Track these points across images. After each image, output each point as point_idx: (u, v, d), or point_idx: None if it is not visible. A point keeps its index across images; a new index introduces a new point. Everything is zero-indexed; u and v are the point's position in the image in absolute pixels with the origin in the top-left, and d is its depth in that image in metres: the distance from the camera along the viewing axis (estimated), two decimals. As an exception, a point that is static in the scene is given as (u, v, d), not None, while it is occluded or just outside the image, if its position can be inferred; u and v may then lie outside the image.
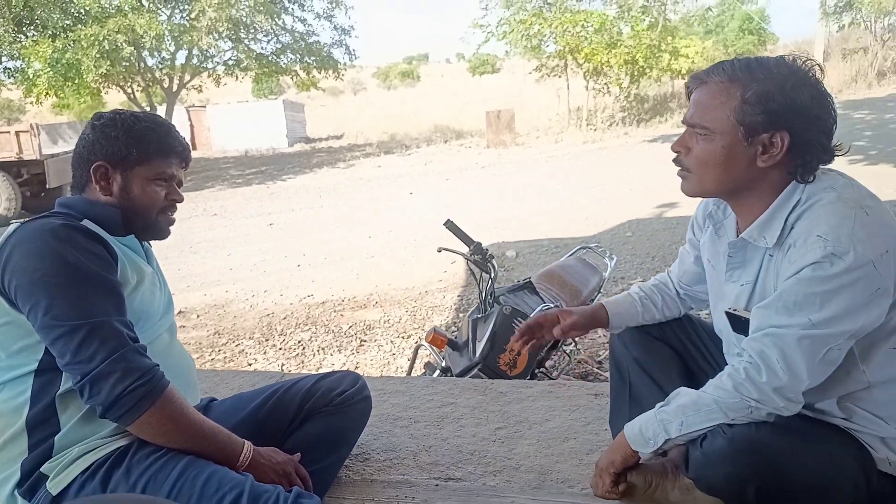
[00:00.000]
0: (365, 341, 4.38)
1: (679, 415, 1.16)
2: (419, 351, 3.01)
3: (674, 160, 1.23)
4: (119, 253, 1.24)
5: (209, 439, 1.22)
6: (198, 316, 5.09)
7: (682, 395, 1.20)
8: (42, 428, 1.16)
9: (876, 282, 1.04)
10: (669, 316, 1.56)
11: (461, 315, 4.56)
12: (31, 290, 1.12)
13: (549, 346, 3.07)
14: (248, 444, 1.27)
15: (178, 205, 1.37)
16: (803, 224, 1.11)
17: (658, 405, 1.22)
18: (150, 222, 1.33)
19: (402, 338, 4.37)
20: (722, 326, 1.37)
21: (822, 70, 1.15)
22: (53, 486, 1.14)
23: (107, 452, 1.17)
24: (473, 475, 1.55)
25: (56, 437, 1.16)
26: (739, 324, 1.26)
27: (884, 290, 1.05)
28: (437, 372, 2.64)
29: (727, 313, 1.29)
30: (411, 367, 2.97)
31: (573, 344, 3.67)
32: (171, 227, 1.39)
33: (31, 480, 1.15)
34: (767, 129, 1.11)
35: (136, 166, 1.29)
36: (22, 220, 1.23)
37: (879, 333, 1.12)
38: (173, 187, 1.35)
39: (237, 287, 5.79)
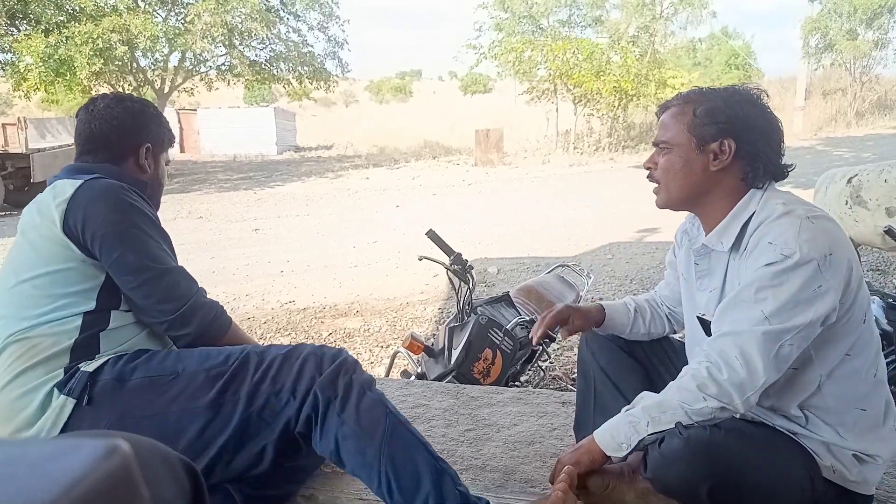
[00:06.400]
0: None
1: (645, 415, 1.23)
2: (396, 359, 3.06)
3: (647, 177, 1.38)
4: None
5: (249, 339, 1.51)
6: (177, 316, 5.08)
7: (647, 397, 1.26)
8: (83, 352, 1.29)
9: (818, 279, 1.15)
10: (655, 333, 1.62)
11: (441, 327, 4.62)
12: (119, 238, 1.28)
13: (524, 360, 3.15)
14: None
15: (162, 206, 1.58)
16: (757, 235, 1.23)
17: (623, 409, 1.28)
18: (160, 197, 1.54)
19: (382, 347, 4.42)
20: (692, 333, 1.46)
21: (767, 95, 1.33)
22: (87, 367, 1.27)
23: (133, 351, 1.33)
24: (441, 472, 1.61)
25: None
26: (709, 328, 1.36)
27: (826, 289, 1.15)
28: (413, 378, 2.69)
29: (698, 318, 1.40)
30: (388, 373, 3.02)
31: (548, 360, 3.75)
32: None
33: (67, 375, 1.27)
34: (715, 137, 1.27)
35: (163, 151, 1.51)
36: (85, 180, 1.33)
37: (831, 336, 1.21)
38: None
39: (219, 290, 5.79)
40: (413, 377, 2.70)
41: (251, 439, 1.27)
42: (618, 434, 1.25)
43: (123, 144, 1.43)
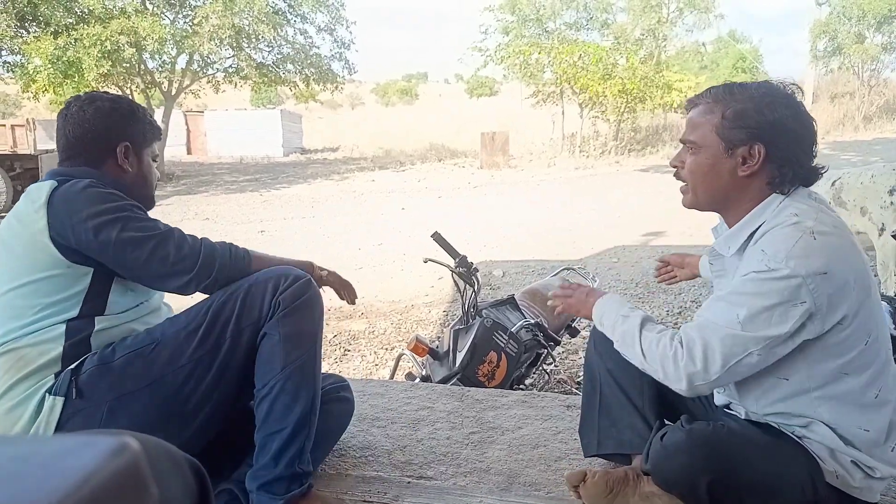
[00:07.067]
0: (349, 351, 4.42)
1: (620, 335, 1.32)
2: (401, 361, 3.06)
3: (674, 175, 1.36)
4: None
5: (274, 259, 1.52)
6: (183, 317, 5.10)
7: (633, 322, 1.30)
8: (75, 358, 1.29)
9: (801, 295, 1.13)
10: None
11: (446, 330, 4.61)
12: (109, 223, 1.26)
13: (528, 363, 3.14)
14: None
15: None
16: (759, 241, 1.22)
17: (625, 309, 1.34)
18: (151, 194, 1.50)
19: (386, 349, 4.42)
20: None
21: (801, 92, 1.29)
22: (70, 366, 1.28)
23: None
24: (445, 475, 1.61)
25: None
26: None
27: (809, 307, 1.14)
28: (418, 380, 2.69)
29: None
30: (393, 375, 3.02)
31: (553, 363, 3.74)
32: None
33: (58, 380, 1.27)
34: (745, 142, 1.23)
35: (146, 146, 1.46)
36: (58, 182, 1.32)
37: (823, 352, 1.20)
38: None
39: (224, 291, 5.80)
40: (417, 379, 2.70)
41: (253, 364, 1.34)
42: (606, 318, 1.36)
43: (99, 147, 1.39)
